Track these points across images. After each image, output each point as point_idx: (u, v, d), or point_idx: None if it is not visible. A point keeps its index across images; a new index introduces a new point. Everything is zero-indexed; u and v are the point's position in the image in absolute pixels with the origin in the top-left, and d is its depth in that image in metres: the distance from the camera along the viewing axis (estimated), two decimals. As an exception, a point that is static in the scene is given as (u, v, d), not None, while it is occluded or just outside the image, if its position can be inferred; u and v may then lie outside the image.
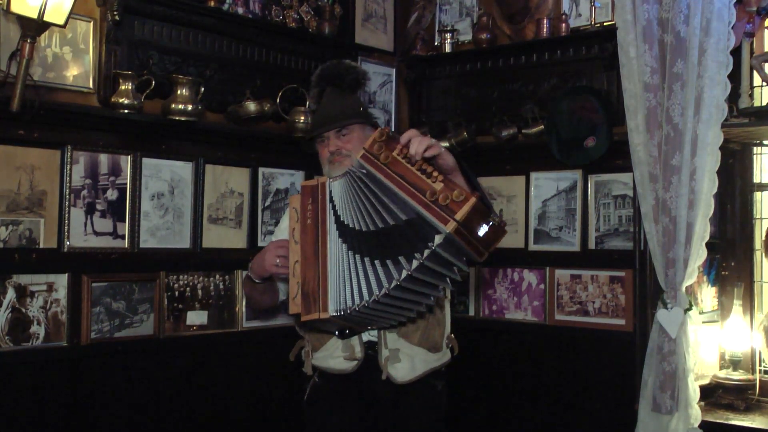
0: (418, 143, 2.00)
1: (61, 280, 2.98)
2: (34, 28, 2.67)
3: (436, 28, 4.32)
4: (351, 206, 2.12)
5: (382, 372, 2.27)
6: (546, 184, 3.81)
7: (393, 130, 4.23)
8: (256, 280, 2.35)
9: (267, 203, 3.70)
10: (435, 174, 1.98)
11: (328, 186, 2.19)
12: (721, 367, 3.30)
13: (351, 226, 2.09)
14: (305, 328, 2.38)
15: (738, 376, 3.18)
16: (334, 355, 2.32)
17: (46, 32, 2.79)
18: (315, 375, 2.40)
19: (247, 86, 3.57)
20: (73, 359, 3.00)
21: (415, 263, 1.92)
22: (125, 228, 3.18)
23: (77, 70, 3.05)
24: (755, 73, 3.10)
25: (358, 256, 2.04)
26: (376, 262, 2.00)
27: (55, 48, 2.98)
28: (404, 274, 1.92)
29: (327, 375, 2.37)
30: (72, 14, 2.77)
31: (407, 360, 2.30)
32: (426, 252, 1.91)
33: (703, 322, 3.16)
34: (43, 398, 2.91)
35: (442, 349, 2.40)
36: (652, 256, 3.00)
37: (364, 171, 2.12)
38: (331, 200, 2.16)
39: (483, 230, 1.92)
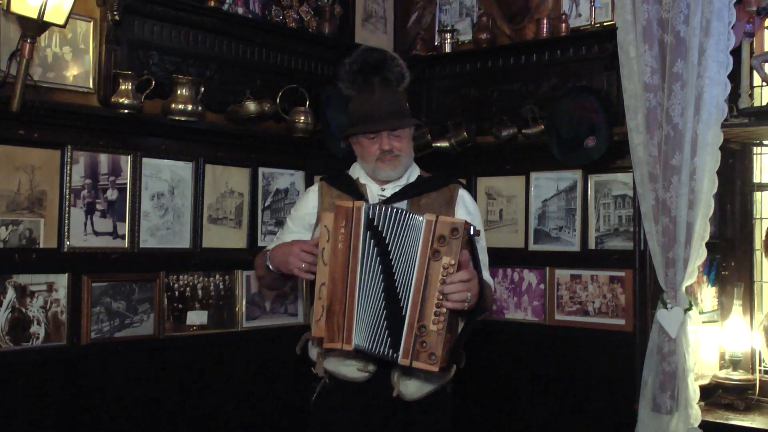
0: (456, 291, 2.00)
1: (61, 280, 2.98)
2: (34, 28, 2.67)
3: (436, 28, 4.32)
4: (401, 244, 2.08)
5: (394, 389, 2.26)
6: (546, 184, 3.80)
7: None
8: (273, 269, 2.35)
9: (267, 203, 3.70)
10: (442, 315, 2.00)
11: (366, 211, 2.10)
12: (721, 367, 3.30)
13: (392, 260, 2.08)
14: None
15: (738, 376, 3.18)
16: (347, 363, 2.31)
17: (46, 32, 2.79)
18: (326, 377, 2.39)
19: (247, 86, 3.57)
20: (73, 359, 3.00)
21: (381, 349, 2.07)
22: (125, 228, 3.18)
23: (77, 70, 3.05)
24: (755, 73, 3.10)
25: (378, 300, 2.09)
26: (376, 322, 2.09)
27: (55, 48, 2.98)
28: (375, 351, 2.08)
29: (337, 379, 2.36)
30: (72, 14, 2.77)
31: (418, 378, 2.29)
32: (389, 353, 2.07)
33: (703, 322, 3.15)
34: (43, 398, 2.91)
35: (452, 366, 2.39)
36: (652, 256, 3.00)
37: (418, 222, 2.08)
38: (373, 226, 2.10)
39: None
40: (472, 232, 2.06)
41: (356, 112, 2.38)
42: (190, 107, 3.22)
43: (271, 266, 2.34)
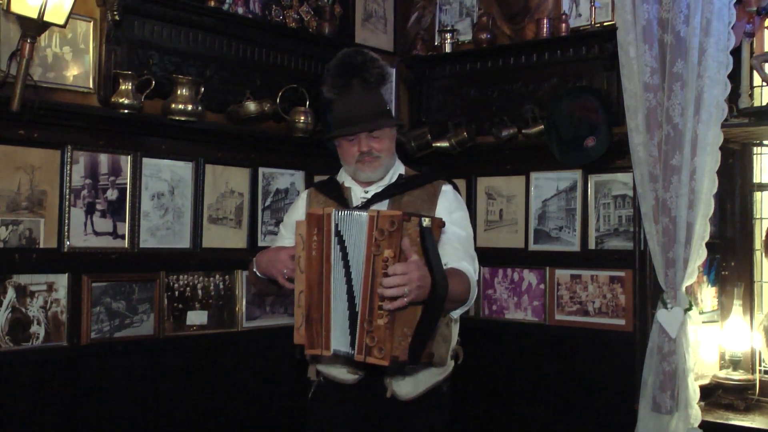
0: (390, 284, 1.89)
1: (61, 280, 2.98)
2: (34, 28, 2.67)
3: (436, 28, 4.32)
4: (356, 243, 2.03)
5: (387, 390, 2.26)
6: (546, 184, 3.80)
7: None
8: (260, 276, 2.35)
9: (267, 203, 3.70)
10: (385, 308, 1.93)
11: (335, 217, 2.07)
12: (721, 367, 3.30)
13: (352, 268, 2.03)
14: None
15: (738, 376, 3.18)
16: (337, 365, 2.30)
17: (46, 32, 2.79)
18: (320, 377, 2.39)
19: (247, 86, 3.57)
20: (73, 359, 3.00)
21: (340, 349, 2.04)
22: (125, 228, 3.18)
23: (77, 70, 3.05)
24: (755, 73, 3.10)
25: (348, 304, 2.05)
26: (345, 324, 2.06)
27: (55, 48, 2.98)
28: (344, 352, 2.04)
29: (329, 379, 2.37)
30: (72, 14, 2.77)
31: (411, 377, 2.28)
32: (342, 351, 2.03)
33: (703, 322, 3.16)
34: (43, 398, 2.91)
35: (447, 363, 2.36)
36: (652, 256, 3.00)
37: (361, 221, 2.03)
38: (338, 233, 2.07)
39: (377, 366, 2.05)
40: (425, 224, 2.00)
41: (336, 115, 2.38)
42: (190, 107, 3.22)
43: (258, 272, 2.34)
